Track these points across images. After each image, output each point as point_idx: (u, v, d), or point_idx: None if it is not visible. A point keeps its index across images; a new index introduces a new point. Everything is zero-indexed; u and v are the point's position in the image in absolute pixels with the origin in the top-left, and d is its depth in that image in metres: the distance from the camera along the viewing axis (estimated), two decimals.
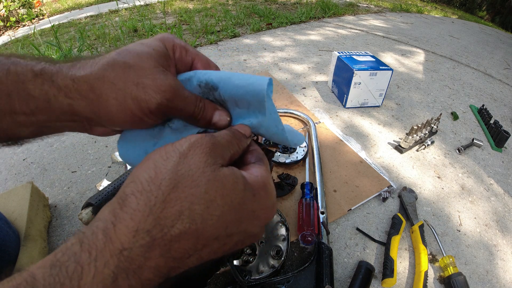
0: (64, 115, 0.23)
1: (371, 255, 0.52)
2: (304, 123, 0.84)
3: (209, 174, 0.19)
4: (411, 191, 0.65)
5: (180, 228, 0.17)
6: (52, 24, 1.73)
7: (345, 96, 0.93)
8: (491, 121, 0.92)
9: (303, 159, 0.69)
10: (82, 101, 0.22)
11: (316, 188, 0.60)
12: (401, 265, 0.51)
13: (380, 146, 0.80)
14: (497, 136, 0.86)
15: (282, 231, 0.48)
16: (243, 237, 0.20)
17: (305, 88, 1.07)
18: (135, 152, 0.27)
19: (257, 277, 0.42)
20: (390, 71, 0.88)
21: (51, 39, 1.55)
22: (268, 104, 0.24)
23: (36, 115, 0.22)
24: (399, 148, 0.78)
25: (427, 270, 0.48)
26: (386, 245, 0.52)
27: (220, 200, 0.18)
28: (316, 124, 0.83)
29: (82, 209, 0.47)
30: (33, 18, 2.83)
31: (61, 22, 2.19)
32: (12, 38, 2.05)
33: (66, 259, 0.15)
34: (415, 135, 0.77)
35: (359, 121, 0.89)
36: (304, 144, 0.72)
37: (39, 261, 0.16)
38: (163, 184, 0.18)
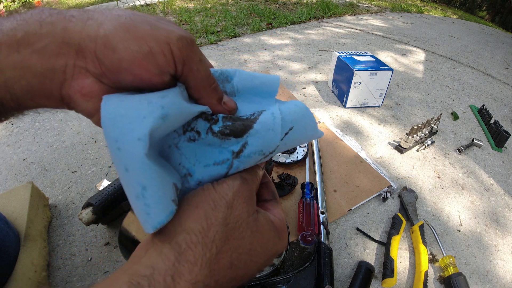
0: (51, 45, 0.17)
1: (371, 255, 0.52)
2: None
3: (252, 225, 0.21)
4: (411, 191, 0.65)
5: (230, 276, 0.19)
6: None
7: (345, 96, 0.93)
8: (491, 121, 0.92)
9: (303, 159, 0.69)
10: (82, 22, 0.17)
11: (316, 188, 0.60)
12: (401, 265, 0.51)
13: (380, 146, 0.80)
14: (497, 136, 0.86)
15: None
16: (266, 266, 0.24)
17: (305, 88, 1.07)
18: (133, 100, 0.18)
19: (257, 276, 0.42)
20: (390, 71, 0.88)
21: None
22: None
23: (20, 48, 0.17)
24: (399, 148, 0.78)
25: (427, 270, 0.48)
26: (386, 245, 0.52)
27: (259, 248, 0.21)
28: None
29: (82, 209, 0.47)
30: None
31: None
32: None
33: None
34: (415, 135, 0.77)
35: (359, 121, 0.89)
36: (304, 144, 0.72)
37: None
38: (217, 238, 0.19)
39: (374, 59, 0.94)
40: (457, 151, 0.81)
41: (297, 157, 0.68)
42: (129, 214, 0.36)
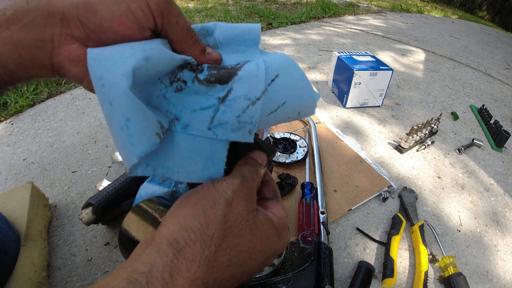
0: (38, 17, 0.18)
1: (371, 255, 0.52)
2: (304, 123, 0.84)
3: (251, 223, 0.21)
4: (411, 191, 0.65)
5: (229, 274, 0.19)
6: None
7: (345, 96, 0.93)
8: (491, 121, 0.92)
9: (303, 159, 0.69)
10: None
11: (316, 188, 0.60)
12: (401, 265, 0.51)
13: (380, 146, 0.80)
14: (497, 136, 0.86)
15: None
16: (265, 265, 0.24)
17: None
18: (117, 46, 0.19)
19: (257, 276, 0.42)
20: (390, 71, 0.88)
21: None
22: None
23: (10, 25, 0.18)
24: (399, 148, 0.78)
25: (427, 270, 0.48)
26: (386, 245, 0.52)
27: (259, 246, 0.21)
28: (316, 124, 0.83)
29: (82, 209, 0.47)
30: None
31: None
32: None
33: None
34: (415, 135, 0.77)
35: (359, 121, 0.89)
36: (304, 144, 0.72)
37: None
38: (215, 235, 0.19)
39: (374, 59, 0.94)
40: (457, 151, 0.81)
41: (297, 157, 0.68)
42: (129, 214, 0.36)
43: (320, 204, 0.56)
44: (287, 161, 0.67)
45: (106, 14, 0.18)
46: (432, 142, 0.81)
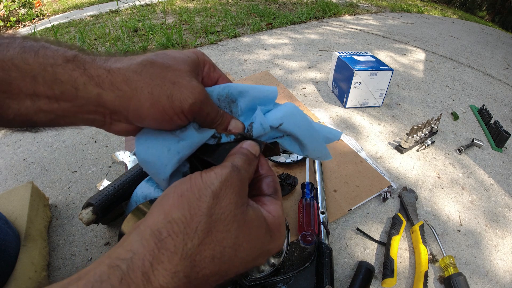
0: (88, 105, 0.22)
1: (371, 255, 0.52)
2: None
3: (239, 218, 0.20)
4: (411, 191, 0.65)
5: (211, 269, 0.19)
6: (52, 24, 1.73)
7: (345, 96, 0.93)
8: (492, 121, 0.92)
9: (303, 159, 0.69)
10: (113, 92, 0.22)
11: (316, 188, 0.60)
12: (401, 265, 0.51)
13: (380, 146, 0.80)
14: (497, 136, 0.86)
15: None
16: (254, 265, 0.23)
17: (305, 87, 1.07)
18: (156, 149, 0.26)
19: (258, 277, 0.42)
20: (391, 71, 0.88)
21: (51, 39, 1.55)
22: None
23: (59, 101, 0.22)
24: (399, 148, 0.78)
25: (427, 270, 0.48)
26: (386, 245, 0.52)
27: (246, 244, 0.20)
28: None
29: (82, 209, 0.47)
30: (33, 18, 2.83)
31: (61, 22, 2.19)
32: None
33: None
34: (416, 135, 0.77)
35: (360, 121, 0.89)
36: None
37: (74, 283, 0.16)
38: (199, 229, 0.18)
39: (374, 59, 0.94)
40: (457, 151, 0.81)
41: (297, 157, 0.68)
42: (128, 217, 0.36)
43: (320, 204, 0.56)
44: (287, 161, 0.67)
45: (152, 122, 0.24)
46: (432, 142, 0.81)
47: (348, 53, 0.99)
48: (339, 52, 0.99)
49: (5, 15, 2.63)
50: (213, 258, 0.19)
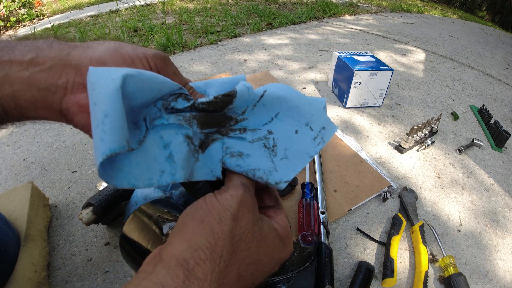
0: (57, 65, 0.21)
1: (371, 255, 0.52)
2: None
3: (257, 235, 0.21)
4: (411, 191, 0.65)
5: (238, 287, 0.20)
6: (52, 24, 1.73)
7: (345, 96, 0.93)
8: (492, 121, 0.92)
9: None
10: (82, 48, 0.22)
11: (316, 188, 0.60)
12: (401, 265, 0.51)
13: (380, 146, 0.80)
14: (497, 136, 0.86)
15: None
16: (271, 273, 0.24)
17: (305, 87, 1.07)
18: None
19: None
20: (390, 71, 0.88)
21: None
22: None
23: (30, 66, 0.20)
24: (399, 148, 0.78)
25: (427, 270, 0.48)
26: (386, 245, 0.52)
27: (265, 258, 0.22)
28: None
29: (82, 209, 0.47)
30: (33, 18, 2.83)
31: (61, 22, 2.19)
32: (13, 38, 2.05)
33: None
34: (416, 135, 0.77)
35: (359, 121, 0.89)
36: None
37: None
38: (224, 252, 0.19)
39: (374, 59, 0.94)
40: (457, 151, 0.81)
41: None
42: (130, 219, 0.36)
43: (320, 204, 0.56)
44: None
45: (113, 67, 0.21)
46: (432, 142, 0.81)
47: (348, 53, 0.99)
48: (339, 52, 0.99)
49: (5, 15, 2.63)
50: (239, 278, 0.20)
